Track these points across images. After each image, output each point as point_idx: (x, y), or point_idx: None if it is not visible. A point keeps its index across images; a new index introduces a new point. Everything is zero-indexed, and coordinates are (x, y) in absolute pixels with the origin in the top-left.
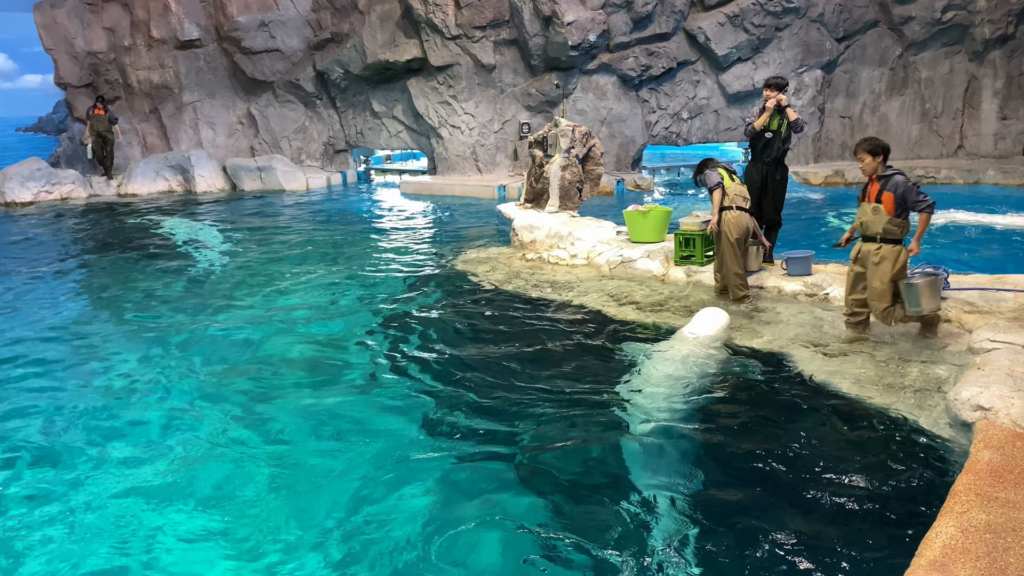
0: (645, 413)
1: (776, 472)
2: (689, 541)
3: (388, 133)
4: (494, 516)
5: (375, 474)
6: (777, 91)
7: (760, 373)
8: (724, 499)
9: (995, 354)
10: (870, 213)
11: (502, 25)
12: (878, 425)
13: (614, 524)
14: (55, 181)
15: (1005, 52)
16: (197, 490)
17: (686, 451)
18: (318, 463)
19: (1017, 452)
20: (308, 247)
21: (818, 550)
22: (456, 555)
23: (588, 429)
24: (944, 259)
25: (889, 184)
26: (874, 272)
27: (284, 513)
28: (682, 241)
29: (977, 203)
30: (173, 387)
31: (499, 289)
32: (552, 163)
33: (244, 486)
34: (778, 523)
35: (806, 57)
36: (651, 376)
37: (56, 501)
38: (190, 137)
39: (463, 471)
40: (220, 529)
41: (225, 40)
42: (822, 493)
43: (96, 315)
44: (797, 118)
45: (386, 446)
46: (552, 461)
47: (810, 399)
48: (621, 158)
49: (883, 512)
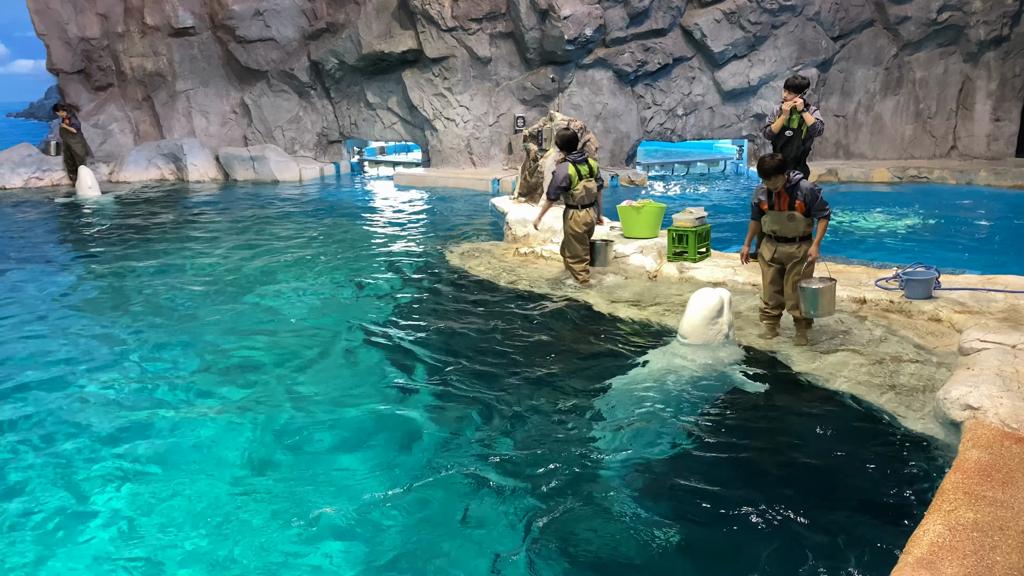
0: (637, 409)
1: (765, 469)
2: (674, 536)
3: (382, 124)
4: (484, 514)
5: (365, 469)
6: (796, 92)
7: (751, 371)
8: (712, 496)
9: (984, 354)
10: (786, 221)
11: (498, 18)
12: (868, 424)
13: (606, 523)
14: (46, 168)
15: (999, 54)
16: (178, 488)
17: (675, 449)
18: (303, 458)
19: (1005, 451)
20: (300, 238)
21: (806, 547)
22: (444, 554)
23: (580, 425)
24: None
25: (798, 193)
26: (796, 268)
27: (263, 514)
28: (675, 237)
29: (971, 200)
30: (154, 378)
31: (492, 283)
32: (546, 157)
33: (227, 481)
34: (766, 520)
35: (801, 55)
36: (644, 372)
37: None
38: (183, 125)
39: (454, 466)
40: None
41: (219, 28)
42: (811, 490)
43: (83, 307)
44: (815, 122)
45: (375, 440)
46: (542, 458)
47: (800, 397)
48: (616, 153)
49: (871, 510)
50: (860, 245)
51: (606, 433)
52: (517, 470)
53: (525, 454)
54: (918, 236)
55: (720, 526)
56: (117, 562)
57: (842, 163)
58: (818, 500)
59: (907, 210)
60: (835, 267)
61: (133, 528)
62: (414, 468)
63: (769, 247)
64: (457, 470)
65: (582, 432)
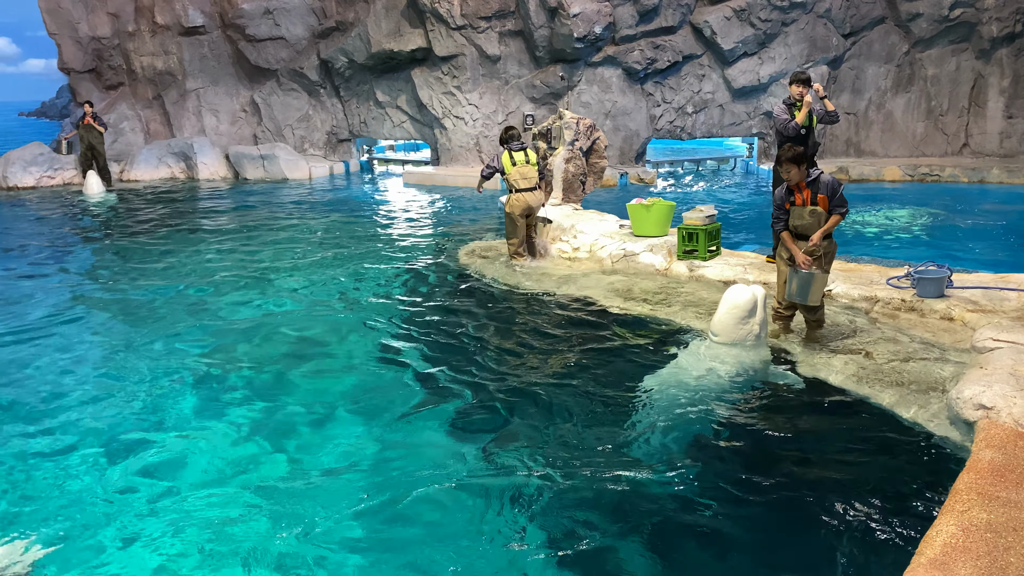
0: (666, 412)
1: (775, 469)
2: (678, 535)
3: (391, 123)
4: (494, 517)
5: (374, 465)
6: (806, 86)
7: (772, 372)
8: (721, 495)
9: (998, 353)
10: (807, 217)
11: (507, 16)
12: (879, 423)
13: (612, 522)
14: (57, 166)
15: (1012, 51)
16: (187, 476)
17: (683, 447)
18: (309, 458)
19: (1019, 451)
20: (309, 236)
21: (818, 547)
22: (453, 556)
23: (592, 426)
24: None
25: (820, 187)
26: (818, 268)
27: (270, 513)
28: (685, 235)
29: (985, 200)
30: (162, 377)
31: (501, 282)
32: (556, 156)
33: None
34: (777, 520)
35: (812, 53)
36: (672, 372)
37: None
38: (193, 124)
39: (463, 467)
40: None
41: (229, 27)
42: (822, 490)
43: (92, 303)
44: (834, 109)
45: (383, 440)
46: (553, 458)
47: (811, 396)
48: (625, 151)
49: (883, 510)
50: (871, 243)
51: (634, 435)
52: (548, 475)
53: (557, 457)
54: (930, 234)
55: (726, 523)
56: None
57: (853, 161)
58: (831, 501)
59: (919, 208)
60: (846, 265)
61: (143, 535)
62: (426, 472)
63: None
64: (463, 468)
65: (613, 435)
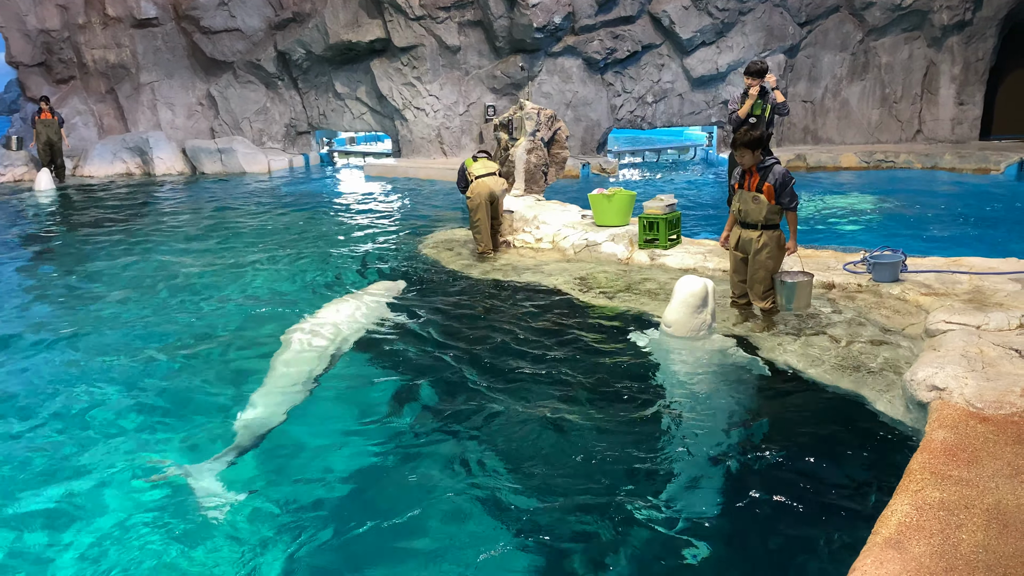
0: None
1: (732, 453)
2: (642, 521)
3: (351, 115)
4: (467, 513)
5: (331, 463)
6: (758, 78)
7: (729, 361)
8: (679, 481)
9: (950, 335)
10: (751, 202)
11: (466, 6)
12: (836, 406)
13: (582, 511)
14: (7, 163)
15: (963, 38)
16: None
17: (641, 433)
18: (272, 458)
19: (970, 431)
20: (269, 230)
21: (775, 529)
22: (429, 553)
23: (554, 416)
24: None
25: (769, 175)
26: (756, 257)
27: (248, 514)
28: (646, 225)
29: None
30: (122, 374)
31: (464, 273)
32: (517, 146)
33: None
34: (733, 503)
35: (769, 41)
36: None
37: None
38: (148, 118)
39: (425, 462)
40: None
41: (183, 19)
42: (779, 472)
43: (53, 303)
44: (784, 100)
45: (340, 437)
46: (516, 450)
47: (769, 380)
48: (586, 141)
49: (840, 491)
50: (828, 230)
51: (575, 420)
52: (498, 472)
53: (508, 452)
54: (885, 220)
55: (681, 509)
56: None
57: (810, 148)
58: (787, 483)
59: (874, 195)
60: (804, 252)
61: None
62: (378, 461)
63: (735, 232)
64: (425, 462)
65: (553, 419)
